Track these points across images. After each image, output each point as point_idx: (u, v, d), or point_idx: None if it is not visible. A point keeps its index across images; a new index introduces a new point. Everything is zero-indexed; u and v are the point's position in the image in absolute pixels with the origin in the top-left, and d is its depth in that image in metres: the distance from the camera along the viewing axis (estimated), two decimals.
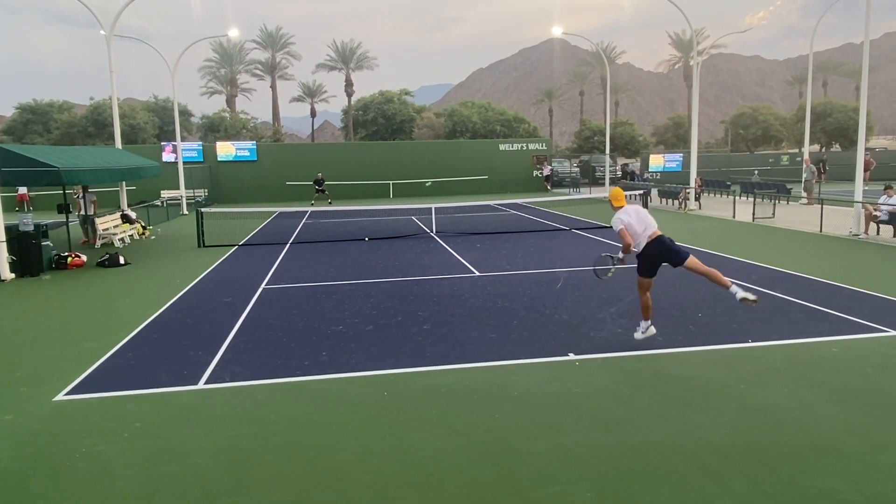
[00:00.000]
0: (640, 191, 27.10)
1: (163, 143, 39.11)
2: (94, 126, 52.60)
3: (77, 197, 20.43)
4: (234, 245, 18.40)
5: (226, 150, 39.15)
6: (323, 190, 34.30)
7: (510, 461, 5.15)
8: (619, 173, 46.41)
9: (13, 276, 14.03)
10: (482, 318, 9.61)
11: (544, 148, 43.82)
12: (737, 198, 25.86)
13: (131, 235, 20.34)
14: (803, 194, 27.61)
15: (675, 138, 69.43)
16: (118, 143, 23.95)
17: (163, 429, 5.94)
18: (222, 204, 34.87)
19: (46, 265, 14.87)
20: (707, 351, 7.83)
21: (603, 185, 39.88)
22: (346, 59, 72.70)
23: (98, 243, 18.85)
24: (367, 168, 39.85)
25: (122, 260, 15.51)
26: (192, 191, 33.04)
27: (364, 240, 19.11)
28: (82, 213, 19.58)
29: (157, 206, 27.58)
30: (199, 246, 18.30)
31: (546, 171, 42.19)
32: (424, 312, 10.02)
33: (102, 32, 23.37)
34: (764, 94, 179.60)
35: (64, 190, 18.30)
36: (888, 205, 17.03)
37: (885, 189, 17.44)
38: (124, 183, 22.74)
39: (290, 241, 19.12)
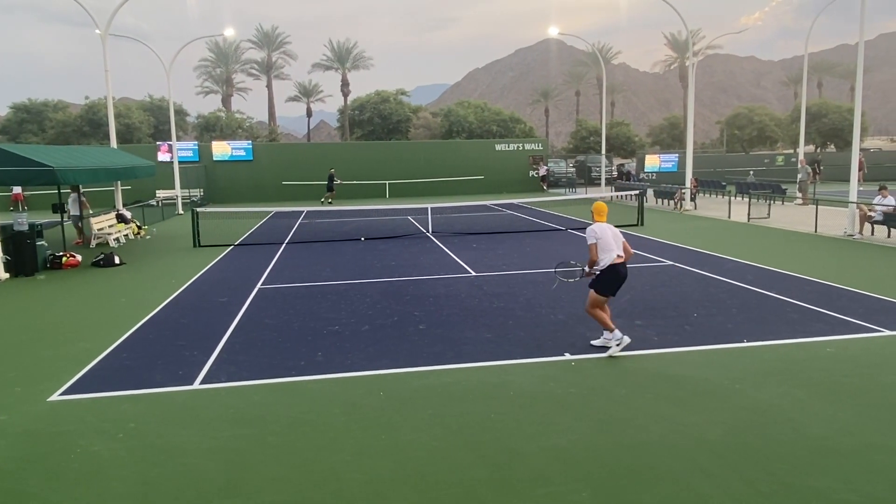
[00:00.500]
0: (636, 191, 27.13)
1: (158, 143, 38.98)
2: (89, 125, 52.41)
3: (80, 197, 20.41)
4: (230, 245, 18.37)
5: (221, 149, 39.06)
6: (332, 189, 34.56)
7: (506, 461, 5.16)
8: (615, 174, 46.49)
9: (7, 275, 14.00)
10: (478, 318, 9.62)
11: (540, 148, 43.84)
12: (732, 198, 25.94)
13: (126, 235, 20.29)
14: (798, 195, 27.69)
15: (670, 139, 69.58)
16: (113, 143, 23.91)
17: (158, 429, 5.93)
18: (218, 204, 34.83)
19: (41, 265, 14.83)
20: (702, 351, 7.86)
21: (599, 185, 39.93)
22: (343, 58, 72.59)
23: (93, 243, 18.79)
24: (364, 168, 39.82)
25: (117, 260, 15.48)
26: (187, 190, 32.95)
27: (360, 240, 19.10)
28: (72, 213, 19.49)
29: (153, 205, 27.48)
30: (195, 246, 18.26)
31: (542, 172, 42.24)
32: (420, 312, 10.02)
33: (98, 31, 23.31)
34: (759, 94, 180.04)
35: (59, 190, 18.23)
36: (882, 205, 17.11)
37: (879, 190, 17.53)
38: (119, 182, 22.69)
39: (286, 241, 19.10)
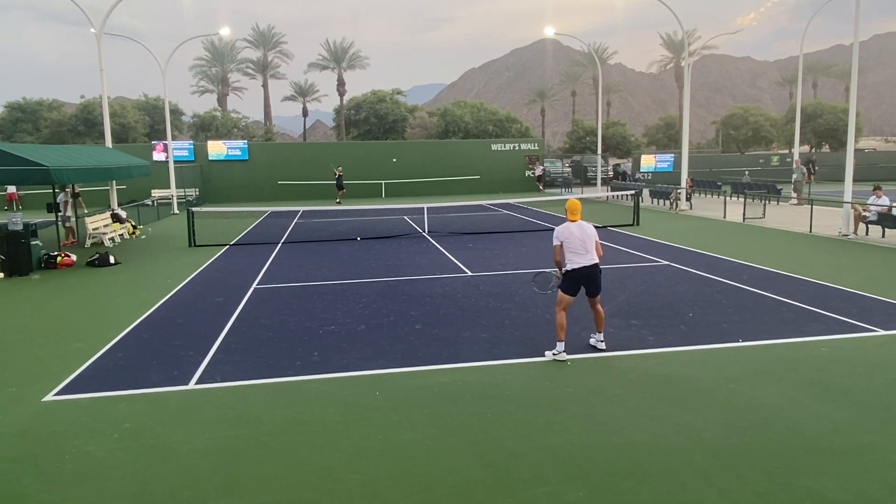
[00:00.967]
0: (632, 191, 27.19)
1: (153, 142, 38.85)
2: (84, 125, 52.22)
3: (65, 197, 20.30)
4: (226, 245, 18.33)
5: (217, 149, 38.99)
6: (341, 187, 34.80)
7: (502, 461, 5.16)
8: (611, 173, 46.57)
9: (2, 275, 13.94)
10: (474, 317, 9.62)
11: (536, 148, 43.88)
12: (727, 198, 26.00)
13: (121, 235, 20.23)
14: (793, 195, 27.77)
15: (666, 139, 69.70)
16: (108, 142, 23.82)
17: (153, 429, 5.91)
18: (213, 203, 34.78)
19: (36, 265, 14.77)
20: (697, 350, 7.87)
21: (595, 185, 39.99)
22: (339, 58, 72.50)
23: (88, 243, 18.73)
24: (360, 168, 39.79)
25: (112, 259, 15.43)
26: (182, 190, 32.89)
27: (356, 239, 19.09)
28: (62, 213, 19.39)
29: (148, 205, 27.40)
30: (190, 245, 18.22)
31: (538, 172, 42.28)
32: (416, 312, 10.02)
33: (93, 31, 23.21)
34: (754, 94, 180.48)
35: (53, 189, 18.18)
36: (877, 205, 17.17)
37: (873, 190, 17.58)
38: (115, 182, 22.62)
39: (282, 241, 19.07)
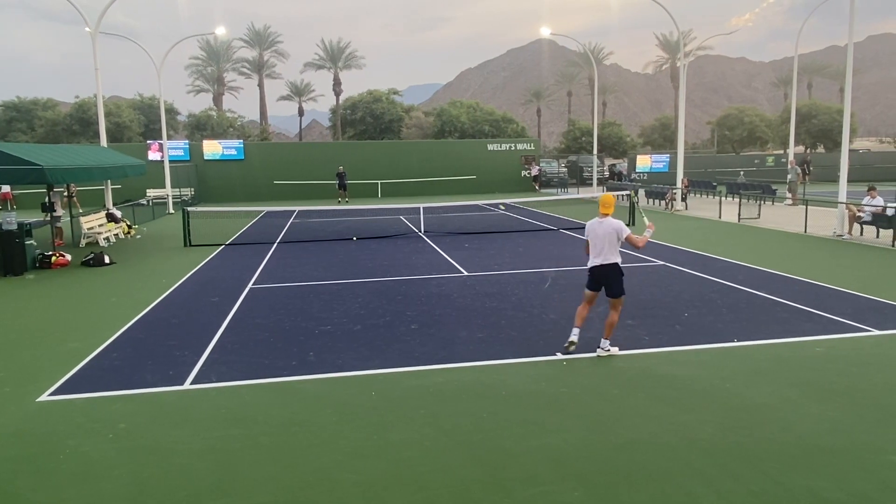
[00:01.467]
0: (628, 191, 27.23)
1: (149, 142, 38.73)
2: (78, 124, 52.06)
3: (65, 196, 20.19)
4: (221, 244, 18.30)
5: (212, 148, 38.90)
6: (343, 187, 34.80)
7: (498, 461, 5.16)
8: (607, 174, 46.62)
9: None
10: (470, 317, 9.62)
11: (532, 148, 43.91)
12: (723, 198, 26.06)
13: (116, 234, 20.17)
14: (788, 195, 27.86)
15: (661, 139, 69.87)
16: (103, 142, 23.75)
17: (148, 429, 5.90)
18: (209, 203, 34.69)
19: (30, 264, 14.72)
20: (693, 350, 7.89)
21: (591, 185, 40.04)
22: (335, 57, 72.44)
23: (83, 242, 18.65)
24: (356, 167, 39.72)
25: (107, 259, 15.38)
26: (178, 190, 32.78)
27: (352, 239, 19.07)
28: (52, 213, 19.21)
29: (143, 205, 27.32)
30: (186, 245, 18.18)
31: (534, 172, 42.31)
32: (412, 312, 10.02)
33: (88, 29, 23.13)
34: (750, 95, 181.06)
35: (48, 189, 18.10)
36: (871, 206, 17.23)
37: (868, 190, 17.65)
38: (109, 182, 22.55)
39: (278, 241, 19.04)
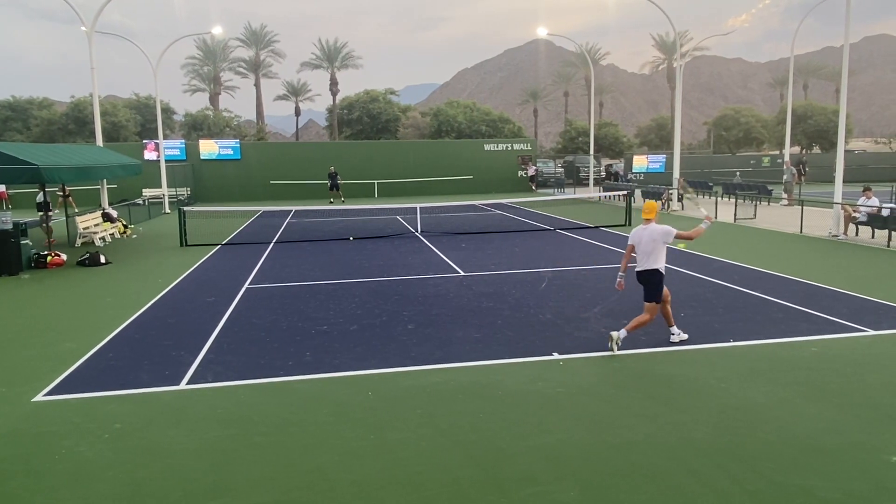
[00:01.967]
0: (624, 192, 27.26)
1: (145, 141, 38.68)
2: (74, 123, 51.94)
3: (59, 196, 20.13)
4: (217, 244, 18.26)
5: (209, 148, 38.84)
6: (336, 187, 34.75)
7: (494, 461, 5.16)
8: (604, 174, 46.68)
9: None
10: (467, 317, 9.62)
11: (529, 148, 43.94)
12: (719, 199, 26.11)
13: (112, 234, 20.12)
14: (784, 195, 27.92)
15: (658, 139, 69.97)
16: (99, 141, 23.67)
17: (144, 430, 5.89)
18: (205, 203, 34.62)
19: (26, 264, 14.68)
20: (689, 350, 7.90)
21: (587, 185, 40.06)
22: (332, 57, 72.37)
23: (78, 242, 18.61)
24: (352, 167, 39.73)
25: (102, 259, 15.34)
26: (174, 189, 32.74)
27: (349, 239, 19.05)
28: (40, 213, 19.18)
29: (139, 204, 27.26)
30: (182, 245, 18.15)
31: (531, 172, 42.35)
32: (409, 312, 10.02)
33: (83, 28, 23.06)
34: (746, 96, 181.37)
35: (44, 188, 18.05)
36: (867, 206, 17.28)
37: (863, 191, 17.70)
38: (105, 181, 22.48)
39: (274, 241, 19.01)
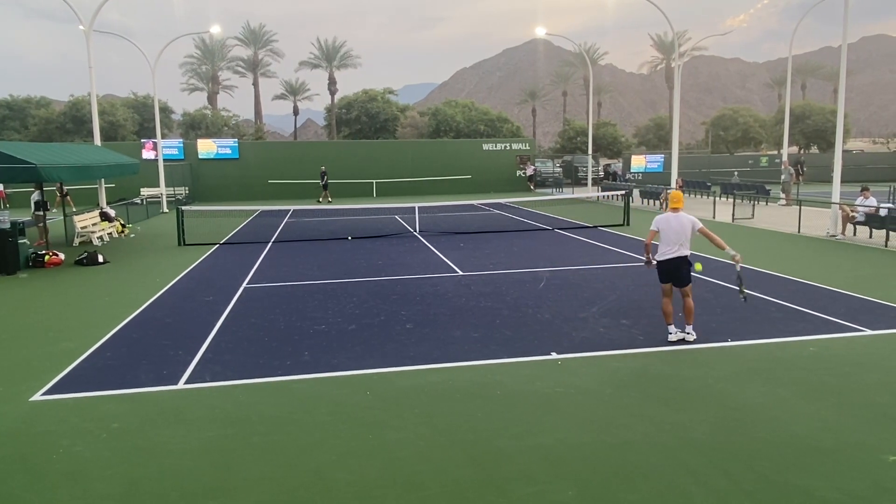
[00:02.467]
0: (622, 191, 27.27)
1: (143, 140, 38.61)
2: (72, 123, 51.86)
3: (57, 195, 20.10)
4: (215, 244, 18.25)
5: (207, 147, 38.82)
6: (325, 186, 34.99)
7: (492, 460, 5.16)
8: (602, 174, 46.73)
9: None
10: (465, 317, 9.62)
11: (527, 148, 43.95)
12: (717, 198, 26.14)
13: (110, 234, 20.10)
14: (782, 195, 27.96)
15: (656, 139, 69.99)
16: (97, 140, 23.65)
17: (142, 429, 5.88)
18: (203, 202, 34.62)
19: (23, 263, 14.65)
20: (687, 350, 7.91)
21: (585, 185, 40.08)
22: (330, 57, 72.28)
23: (76, 241, 18.58)
24: (351, 167, 39.72)
25: (100, 258, 15.32)
26: (172, 188, 32.71)
27: (347, 239, 19.05)
28: (33, 211, 19.11)
29: (137, 203, 27.22)
30: (180, 244, 18.13)
31: (529, 171, 42.36)
32: (407, 312, 10.01)
33: (81, 28, 23.03)
34: (744, 96, 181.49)
35: (42, 188, 18.03)
36: (864, 206, 17.31)
37: (861, 190, 17.72)
38: (103, 180, 22.46)
39: (272, 240, 19.00)
